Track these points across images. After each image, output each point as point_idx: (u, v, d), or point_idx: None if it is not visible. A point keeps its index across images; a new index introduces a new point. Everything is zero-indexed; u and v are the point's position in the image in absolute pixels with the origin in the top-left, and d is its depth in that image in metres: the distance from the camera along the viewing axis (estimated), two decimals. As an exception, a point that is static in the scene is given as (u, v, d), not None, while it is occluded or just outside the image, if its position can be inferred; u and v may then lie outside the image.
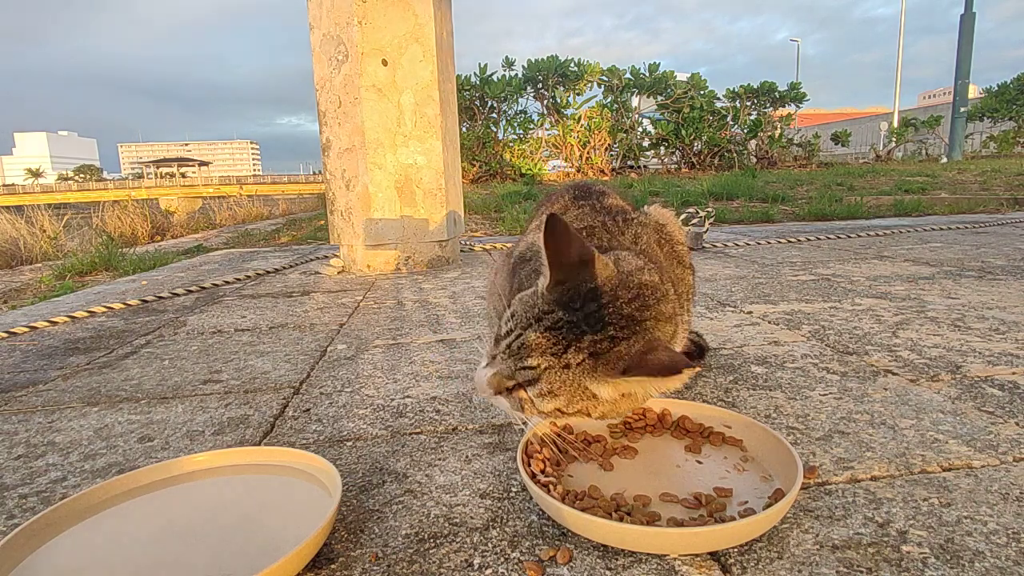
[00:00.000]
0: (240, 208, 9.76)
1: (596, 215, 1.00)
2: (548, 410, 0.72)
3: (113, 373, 1.45)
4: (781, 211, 5.49)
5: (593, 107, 11.48)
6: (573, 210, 1.04)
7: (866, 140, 22.09)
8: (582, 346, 0.70)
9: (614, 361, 0.69)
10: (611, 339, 0.70)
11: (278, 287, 2.61)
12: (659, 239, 0.96)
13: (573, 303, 0.71)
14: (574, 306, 0.71)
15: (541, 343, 0.70)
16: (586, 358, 0.69)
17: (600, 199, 1.06)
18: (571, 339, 0.70)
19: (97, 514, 0.76)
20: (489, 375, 0.73)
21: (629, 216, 1.00)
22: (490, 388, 0.73)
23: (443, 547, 0.69)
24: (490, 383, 0.73)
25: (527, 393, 0.72)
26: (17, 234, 5.39)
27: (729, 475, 0.80)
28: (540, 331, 0.70)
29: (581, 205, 1.04)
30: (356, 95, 2.74)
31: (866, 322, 1.63)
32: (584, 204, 1.04)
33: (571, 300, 0.71)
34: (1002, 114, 17.34)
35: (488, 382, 0.73)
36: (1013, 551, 0.64)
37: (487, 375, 0.74)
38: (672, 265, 0.94)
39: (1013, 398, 1.06)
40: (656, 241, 0.95)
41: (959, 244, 3.20)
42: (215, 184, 42.66)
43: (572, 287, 0.71)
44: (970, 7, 13.58)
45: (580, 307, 0.70)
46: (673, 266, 0.94)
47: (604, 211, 1.01)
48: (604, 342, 0.70)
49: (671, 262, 0.95)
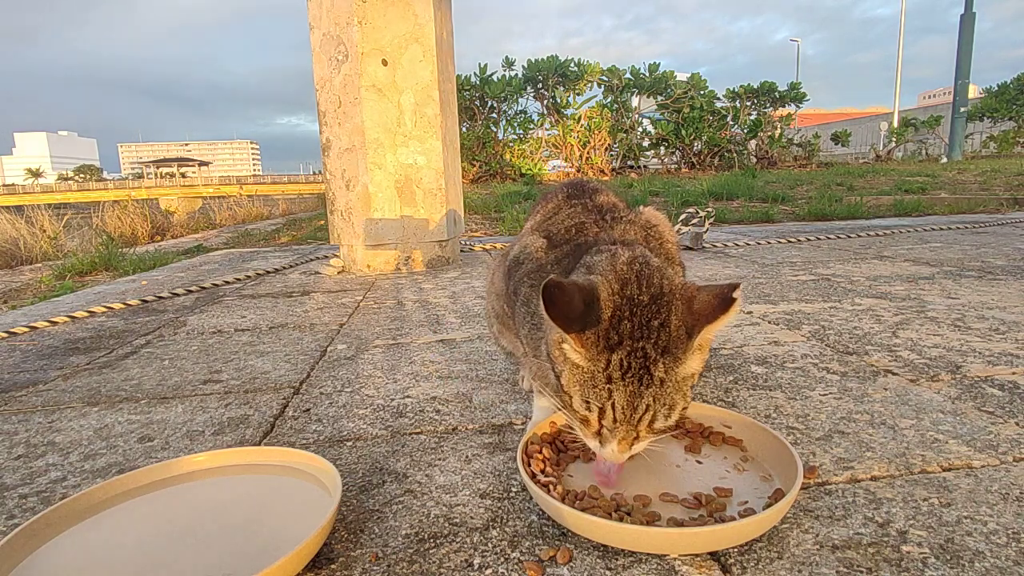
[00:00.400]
0: (240, 208, 9.76)
1: (587, 213, 1.01)
2: (673, 422, 0.72)
3: (113, 373, 1.45)
4: (781, 211, 5.49)
5: (593, 107, 11.48)
6: (566, 209, 1.05)
7: (866, 140, 22.09)
8: (653, 356, 0.69)
9: (679, 338, 0.69)
10: (661, 327, 0.70)
11: (278, 287, 2.61)
12: (647, 235, 0.97)
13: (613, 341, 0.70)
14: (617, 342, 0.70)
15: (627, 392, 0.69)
16: (666, 361, 0.69)
17: (592, 197, 1.07)
18: (642, 364, 0.69)
19: (97, 514, 0.76)
20: (617, 451, 0.71)
21: (619, 214, 1.01)
22: (624, 453, 0.72)
23: (443, 547, 0.69)
24: (623, 452, 0.72)
25: (651, 431, 0.71)
26: (17, 234, 5.39)
27: (729, 475, 0.80)
28: (619, 386, 0.69)
29: (573, 204, 1.05)
30: (356, 95, 2.74)
31: (866, 322, 1.63)
32: (576, 203, 1.05)
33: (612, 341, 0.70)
34: (1002, 114, 17.33)
35: (618, 456, 0.72)
36: (1013, 551, 0.64)
37: (616, 453, 0.71)
38: (661, 260, 0.95)
39: (1013, 398, 1.06)
40: (643, 237, 0.95)
41: (959, 244, 3.20)
42: (215, 184, 42.67)
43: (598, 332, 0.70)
44: (970, 7, 13.58)
45: (620, 339, 0.69)
46: (661, 260, 0.95)
47: (595, 209, 1.02)
48: (661, 333, 0.69)
49: (659, 257, 0.95)
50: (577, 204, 1.04)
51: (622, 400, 0.69)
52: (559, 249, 0.94)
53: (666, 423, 0.71)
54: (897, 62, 23.44)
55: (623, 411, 0.69)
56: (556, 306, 0.68)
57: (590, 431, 0.72)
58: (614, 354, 0.69)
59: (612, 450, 0.71)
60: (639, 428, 0.70)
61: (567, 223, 0.99)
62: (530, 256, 0.98)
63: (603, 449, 0.72)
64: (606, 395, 0.69)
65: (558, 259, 0.92)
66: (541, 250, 0.97)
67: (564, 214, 1.03)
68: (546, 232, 1.01)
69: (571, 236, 0.95)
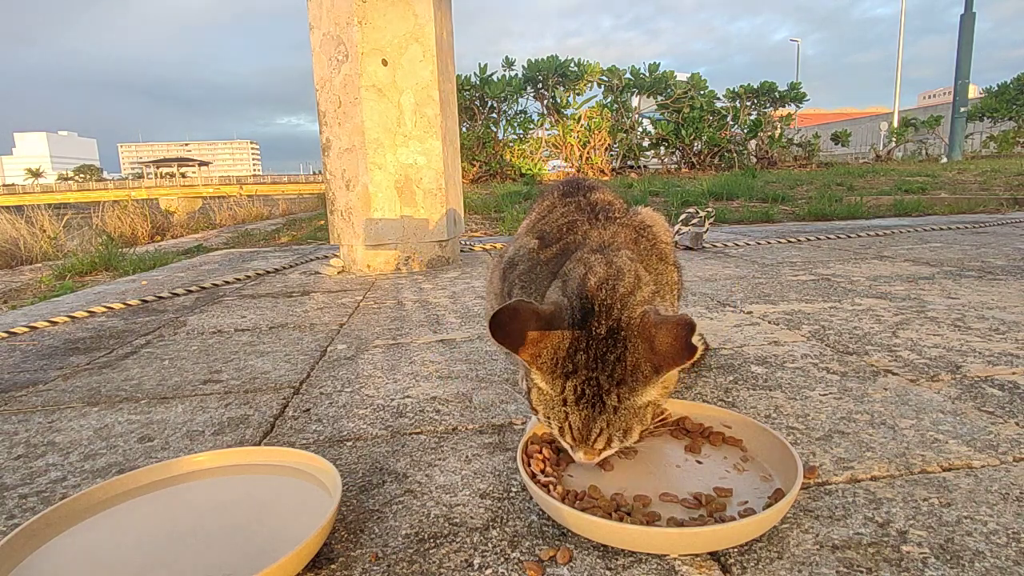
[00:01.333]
0: (240, 208, 9.76)
1: (580, 211, 1.01)
2: (633, 442, 0.77)
3: (113, 373, 1.45)
4: (781, 211, 5.49)
5: (593, 107, 11.47)
6: (560, 207, 1.05)
7: (866, 140, 22.09)
8: (607, 387, 0.73)
9: (636, 371, 0.72)
10: (616, 360, 0.73)
11: (278, 287, 2.61)
12: (637, 236, 0.97)
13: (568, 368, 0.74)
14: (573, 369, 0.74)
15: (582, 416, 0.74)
16: (620, 391, 0.73)
17: (587, 194, 1.07)
18: (595, 393, 0.73)
19: (97, 514, 0.76)
20: (584, 459, 0.77)
21: (613, 213, 1.01)
22: (592, 459, 0.77)
23: (443, 547, 0.69)
24: (589, 459, 0.77)
25: (609, 449, 0.76)
26: (17, 234, 5.39)
27: (729, 475, 0.80)
28: (574, 410, 0.74)
29: (567, 202, 1.05)
30: (356, 95, 2.74)
31: (866, 322, 1.63)
32: (570, 201, 1.05)
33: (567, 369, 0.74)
34: (1002, 114, 17.33)
35: (587, 461, 0.77)
36: (1013, 551, 0.64)
37: (584, 459, 0.77)
38: (652, 260, 0.95)
39: (1013, 398, 1.06)
40: (633, 239, 0.95)
41: (959, 244, 3.20)
42: (215, 184, 42.64)
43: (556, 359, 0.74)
44: (970, 7, 13.57)
45: (574, 368, 0.73)
46: (653, 261, 0.95)
47: (589, 207, 1.02)
48: (616, 367, 0.73)
49: (651, 257, 0.96)
50: (571, 202, 1.04)
51: (577, 423, 0.74)
52: (550, 249, 0.95)
53: (623, 443, 0.75)
54: (897, 62, 23.44)
55: (579, 432, 0.74)
56: (504, 332, 0.72)
57: (561, 439, 0.78)
58: (569, 381, 0.73)
59: (580, 457, 0.77)
60: (595, 448, 0.75)
61: (560, 222, 0.99)
62: (523, 257, 0.98)
63: (575, 454, 0.78)
64: (563, 416, 0.75)
65: (548, 260, 0.93)
66: (534, 251, 0.97)
67: (558, 212, 1.03)
68: (540, 232, 1.01)
69: (562, 235, 0.96)
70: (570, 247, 0.92)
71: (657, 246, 0.99)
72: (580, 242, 0.92)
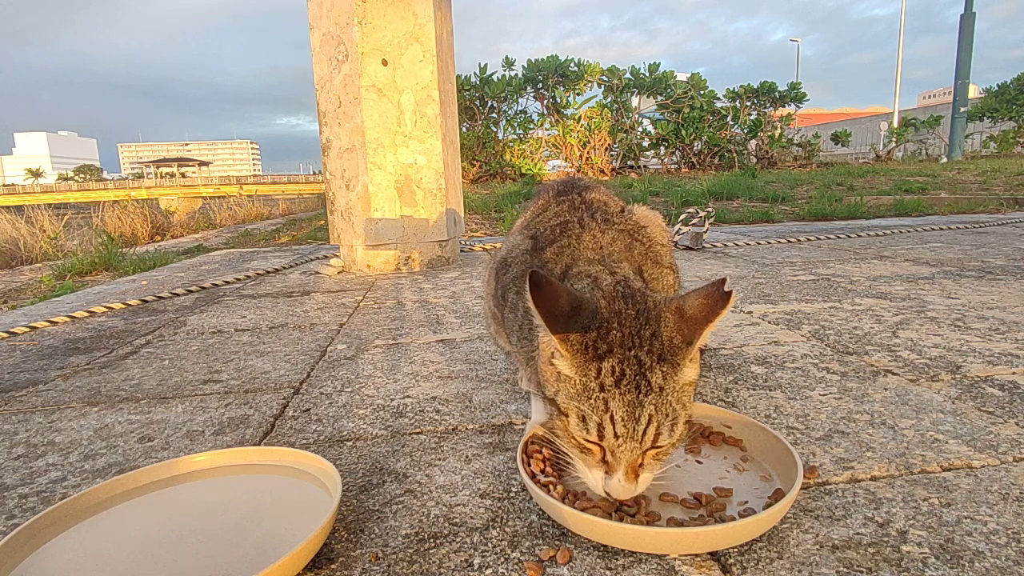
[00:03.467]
0: (240, 208, 9.76)
1: (574, 211, 0.99)
2: (677, 439, 0.68)
3: (113, 373, 1.45)
4: (781, 211, 5.49)
5: (593, 107, 11.47)
6: (554, 207, 1.04)
7: (866, 140, 22.09)
8: (649, 363, 0.66)
9: (675, 346, 0.68)
10: (652, 336, 0.68)
11: (278, 287, 2.61)
12: (631, 241, 0.94)
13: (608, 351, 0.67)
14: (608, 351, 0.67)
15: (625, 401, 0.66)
16: (663, 368, 0.66)
17: (583, 194, 1.05)
18: (637, 371, 0.66)
19: (97, 514, 0.76)
20: (624, 482, 0.66)
21: (609, 215, 0.99)
22: (632, 484, 0.67)
23: (443, 547, 0.69)
24: (630, 483, 0.67)
25: (656, 451, 0.68)
26: (17, 234, 5.39)
27: (729, 475, 0.80)
28: (614, 395, 0.65)
29: (561, 201, 1.04)
30: (356, 95, 2.74)
31: (866, 322, 1.63)
32: (564, 200, 1.04)
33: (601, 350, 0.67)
34: (1002, 114, 17.32)
35: (627, 488, 0.67)
36: (1013, 551, 0.64)
37: (624, 484, 0.66)
38: (647, 264, 0.93)
39: (1013, 398, 1.06)
40: (627, 245, 0.93)
41: (959, 244, 3.20)
42: (215, 184, 42.62)
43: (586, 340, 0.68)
44: (970, 7, 13.57)
45: (610, 348, 0.67)
46: (648, 265, 0.93)
47: (584, 206, 1.00)
48: (654, 341, 0.67)
49: (646, 261, 0.94)
50: (565, 201, 1.03)
51: (621, 411, 0.65)
52: (543, 253, 0.93)
53: (671, 438, 0.67)
54: (897, 62, 23.44)
55: (624, 423, 0.65)
56: (543, 296, 0.66)
57: (594, 460, 0.68)
58: (604, 362, 0.66)
59: (619, 480, 0.66)
60: (644, 442, 0.65)
61: (553, 222, 0.98)
62: (517, 259, 0.97)
63: (610, 481, 0.66)
64: (602, 407, 0.65)
65: (542, 264, 0.91)
66: (528, 252, 0.96)
67: (551, 212, 1.02)
68: (533, 232, 1.00)
69: (555, 236, 0.94)
70: (564, 251, 0.90)
71: (652, 249, 0.97)
72: (574, 246, 0.90)
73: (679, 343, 0.68)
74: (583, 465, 0.69)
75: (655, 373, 0.66)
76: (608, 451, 0.66)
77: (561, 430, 0.70)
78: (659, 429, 0.66)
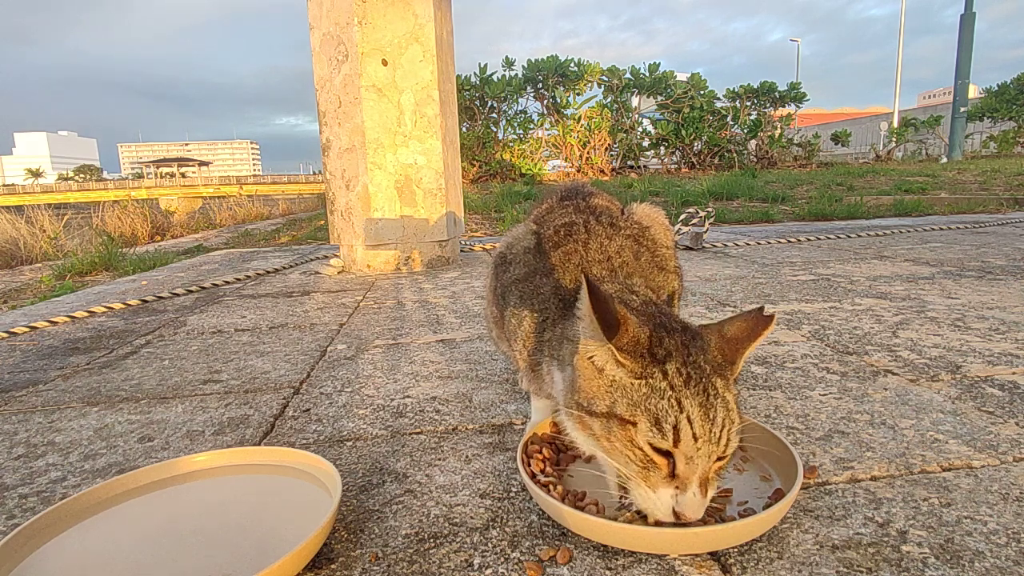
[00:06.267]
0: (240, 208, 9.77)
1: (579, 214, 0.98)
2: (734, 450, 0.66)
3: (113, 373, 1.45)
4: (781, 211, 5.49)
5: (593, 107, 11.47)
6: (558, 209, 1.03)
7: (866, 140, 22.09)
8: (708, 370, 0.65)
9: (722, 360, 0.67)
10: (702, 348, 0.67)
11: (278, 287, 2.61)
12: (638, 248, 0.92)
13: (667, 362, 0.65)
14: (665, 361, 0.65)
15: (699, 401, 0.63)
16: (722, 377, 0.66)
17: (586, 199, 1.05)
18: (702, 375, 0.64)
19: (97, 514, 0.76)
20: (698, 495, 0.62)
21: (615, 221, 0.97)
22: (704, 499, 0.63)
23: (443, 547, 0.69)
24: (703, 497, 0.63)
25: (720, 463, 0.65)
26: (17, 234, 5.39)
27: (729, 475, 0.80)
28: (686, 395, 0.63)
29: (565, 205, 1.04)
30: (356, 95, 2.74)
31: (866, 322, 1.63)
32: (568, 204, 1.03)
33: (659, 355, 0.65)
34: (1002, 114, 17.33)
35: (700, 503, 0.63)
36: (1013, 551, 0.64)
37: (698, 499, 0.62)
38: (652, 272, 0.91)
39: (1013, 398, 1.06)
40: (634, 252, 0.91)
41: (959, 244, 3.20)
42: (215, 184, 42.61)
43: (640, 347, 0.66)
44: (970, 7, 13.57)
45: (668, 352, 0.65)
46: (653, 273, 0.91)
47: (588, 210, 0.99)
48: (707, 352, 0.67)
49: (651, 269, 0.92)
50: (569, 205, 1.03)
51: (697, 412, 0.61)
52: (547, 258, 0.90)
53: (733, 448, 0.64)
54: (897, 62, 23.44)
55: (701, 423, 0.61)
56: (601, 301, 0.63)
57: (659, 476, 0.62)
58: (668, 365, 0.63)
59: (693, 494, 0.61)
60: (719, 446, 0.62)
61: (558, 222, 0.97)
62: (518, 258, 0.95)
63: (683, 497, 0.62)
64: (677, 406, 0.61)
65: (549, 270, 0.88)
66: (530, 251, 0.95)
67: (556, 213, 1.02)
68: (537, 230, 0.99)
69: (560, 238, 0.92)
70: (570, 256, 0.88)
71: (657, 253, 0.95)
72: (580, 252, 0.89)
73: (723, 361, 0.67)
74: (643, 487, 0.63)
75: (716, 379, 0.65)
76: (684, 458, 0.61)
77: (623, 443, 0.64)
78: (730, 434, 0.63)
